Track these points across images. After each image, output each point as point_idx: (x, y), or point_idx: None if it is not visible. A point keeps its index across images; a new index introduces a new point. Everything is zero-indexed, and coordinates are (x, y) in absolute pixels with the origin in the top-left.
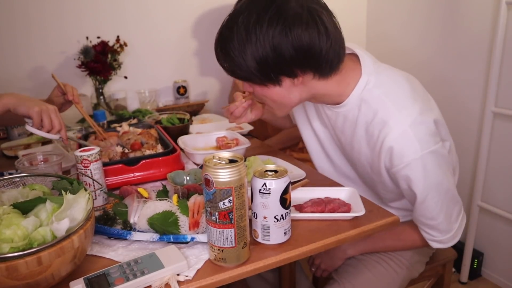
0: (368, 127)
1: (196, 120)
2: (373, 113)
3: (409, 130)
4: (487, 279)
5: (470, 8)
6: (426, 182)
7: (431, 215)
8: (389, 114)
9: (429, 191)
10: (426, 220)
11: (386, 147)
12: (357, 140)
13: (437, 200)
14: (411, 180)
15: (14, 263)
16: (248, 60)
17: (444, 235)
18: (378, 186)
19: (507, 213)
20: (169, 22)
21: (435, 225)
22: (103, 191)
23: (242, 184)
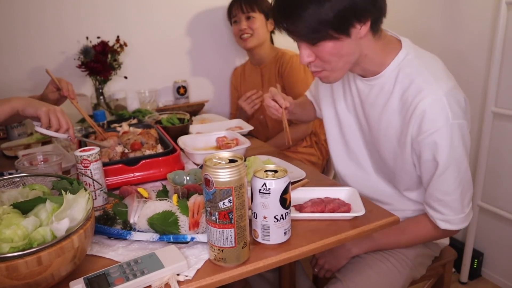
0: (403, 95)
1: (196, 120)
2: (410, 81)
3: (443, 97)
4: (487, 279)
5: (470, 8)
6: (450, 152)
7: (448, 190)
8: (426, 82)
9: (451, 162)
10: (442, 196)
11: (419, 112)
12: (388, 111)
13: (457, 175)
14: (438, 147)
15: (14, 263)
16: (325, 9)
17: (455, 215)
18: (397, 170)
19: (507, 213)
20: (169, 22)
21: (449, 202)
22: (103, 191)
23: (242, 184)
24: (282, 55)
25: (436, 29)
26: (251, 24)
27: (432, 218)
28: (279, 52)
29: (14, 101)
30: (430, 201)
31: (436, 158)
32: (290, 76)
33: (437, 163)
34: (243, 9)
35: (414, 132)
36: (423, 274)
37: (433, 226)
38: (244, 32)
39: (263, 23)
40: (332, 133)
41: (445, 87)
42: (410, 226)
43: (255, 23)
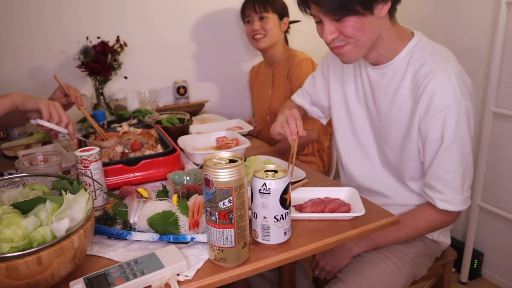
0: (415, 77)
1: (196, 120)
2: (421, 64)
3: (453, 77)
4: (487, 279)
5: (470, 8)
6: (456, 130)
7: (450, 168)
8: (436, 64)
9: (456, 140)
10: (443, 173)
11: (428, 90)
12: (400, 95)
13: (460, 155)
14: (445, 124)
15: (14, 262)
16: None
17: (454, 195)
18: (403, 159)
19: (507, 213)
20: (169, 22)
21: (449, 181)
22: (103, 191)
23: (242, 184)
24: (293, 57)
25: (436, 29)
26: (264, 25)
27: (431, 200)
28: (291, 54)
29: (13, 95)
30: (430, 181)
31: (442, 135)
32: (298, 80)
33: (442, 140)
34: (256, 9)
35: (423, 111)
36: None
37: (430, 214)
38: (257, 32)
39: (276, 23)
40: (341, 125)
41: (454, 69)
42: (407, 219)
43: (268, 24)
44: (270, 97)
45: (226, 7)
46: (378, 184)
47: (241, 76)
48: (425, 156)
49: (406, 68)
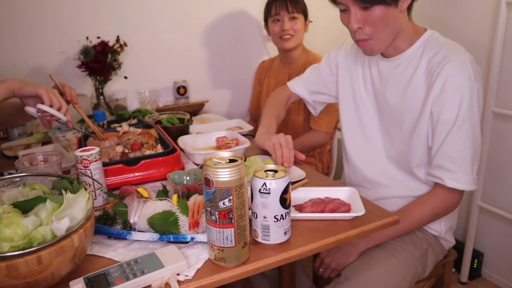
0: (429, 64)
1: (196, 120)
2: (435, 52)
3: (467, 61)
4: (487, 279)
5: (470, 8)
6: (469, 111)
7: (461, 147)
8: (450, 51)
9: (467, 120)
10: (454, 152)
11: (444, 73)
12: (414, 82)
13: (471, 135)
14: (460, 104)
15: (14, 262)
16: None
17: (464, 174)
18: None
19: (507, 213)
20: (169, 22)
21: (460, 159)
22: (103, 191)
23: (242, 184)
24: (313, 59)
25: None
26: (294, 25)
27: (440, 179)
28: (311, 56)
29: (9, 81)
30: (440, 161)
31: (455, 116)
32: None
33: (454, 120)
34: (288, 9)
35: (436, 94)
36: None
37: (436, 199)
38: (287, 32)
39: (303, 24)
40: (349, 118)
41: (467, 55)
42: (413, 208)
43: (297, 24)
44: None
45: (226, 7)
46: (382, 175)
47: (242, 76)
48: (435, 138)
49: (420, 57)
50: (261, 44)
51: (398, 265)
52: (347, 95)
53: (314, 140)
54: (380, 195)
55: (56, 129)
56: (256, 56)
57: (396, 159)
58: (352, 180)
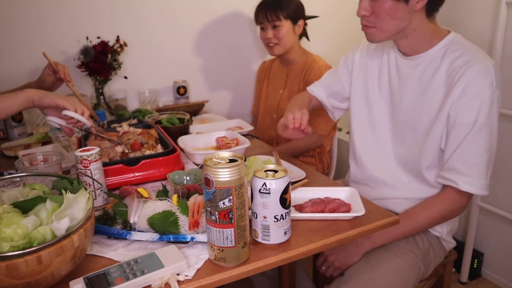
0: (450, 66)
1: (196, 120)
2: (458, 55)
3: (491, 67)
4: (487, 279)
5: (470, 8)
6: (488, 116)
7: (477, 152)
8: (474, 55)
9: (486, 126)
10: (471, 157)
11: (466, 76)
12: (434, 83)
13: (488, 140)
14: (480, 108)
15: (14, 262)
16: None
17: (480, 179)
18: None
19: (507, 213)
20: (169, 22)
21: (476, 164)
22: (103, 191)
23: (242, 184)
24: (312, 62)
25: None
26: (277, 33)
27: (453, 182)
28: (310, 58)
29: (30, 91)
30: (454, 164)
31: (474, 120)
32: None
33: (473, 125)
34: (268, 18)
35: (456, 96)
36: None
37: (444, 203)
38: (270, 41)
39: (289, 29)
40: (359, 116)
41: (490, 61)
42: (420, 209)
43: (281, 31)
44: (281, 96)
45: (226, 8)
46: (389, 176)
47: (242, 76)
48: (450, 140)
49: (442, 58)
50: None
51: (402, 265)
52: (360, 94)
53: (309, 142)
54: (385, 195)
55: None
56: (256, 56)
57: (405, 160)
58: (358, 178)
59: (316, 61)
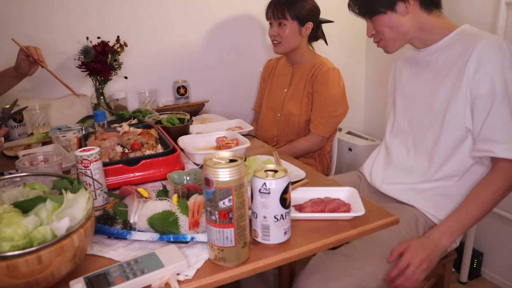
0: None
1: (196, 120)
2: (470, 36)
3: (501, 40)
4: (487, 279)
5: (470, 8)
6: (508, 84)
7: (507, 118)
8: (482, 34)
9: (507, 94)
10: (501, 124)
11: (477, 50)
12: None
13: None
14: (499, 76)
15: (14, 261)
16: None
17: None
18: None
19: (507, 213)
20: (169, 22)
21: (508, 131)
22: (103, 191)
23: (242, 184)
24: (320, 64)
25: None
26: (281, 32)
27: (491, 152)
28: (318, 60)
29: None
30: (487, 134)
31: (495, 89)
32: (323, 88)
33: (496, 93)
34: (274, 15)
35: (471, 71)
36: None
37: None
38: (274, 38)
39: (294, 30)
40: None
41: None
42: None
43: (285, 31)
44: (285, 95)
45: (226, 7)
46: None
47: (242, 76)
48: (477, 113)
49: (455, 43)
50: (262, 45)
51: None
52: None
53: (312, 144)
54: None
55: (56, 129)
56: (256, 56)
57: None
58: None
59: (324, 64)
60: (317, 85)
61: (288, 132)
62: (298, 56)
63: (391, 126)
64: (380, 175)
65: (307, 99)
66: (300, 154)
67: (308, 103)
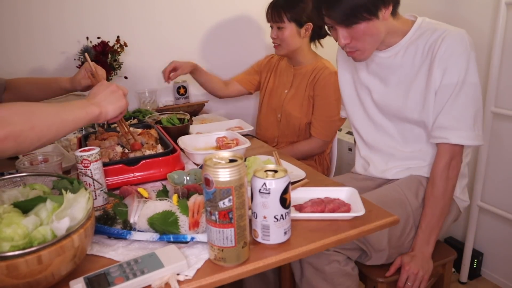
0: (427, 42)
1: (196, 120)
2: (431, 32)
3: (463, 33)
4: (487, 279)
5: (470, 8)
6: (468, 74)
7: (462, 107)
8: (446, 27)
9: (468, 82)
10: (457, 113)
11: (444, 44)
12: (417, 60)
13: (471, 96)
14: (461, 68)
15: (14, 261)
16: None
17: (467, 131)
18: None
19: (507, 213)
20: (169, 22)
21: (462, 119)
22: (103, 191)
23: (242, 184)
24: (322, 67)
25: None
26: (280, 34)
27: (445, 138)
28: (320, 63)
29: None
30: (443, 122)
31: (455, 80)
32: (324, 91)
33: (455, 84)
34: (273, 18)
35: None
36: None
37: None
38: (273, 41)
39: (293, 32)
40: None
41: (463, 30)
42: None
43: (284, 33)
44: (286, 96)
45: (226, 7)
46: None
47: None
48: (436, 102)
49: (417, 40)
50: (262, 44)
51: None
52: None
53: (313, 147)
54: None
55: None
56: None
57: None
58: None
59: (326, 67)
60: (318, 88)
61: (289, 134)
62: (300, 57)
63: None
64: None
65: (308, 102)
66: (301, 156)
67: (309, 106)
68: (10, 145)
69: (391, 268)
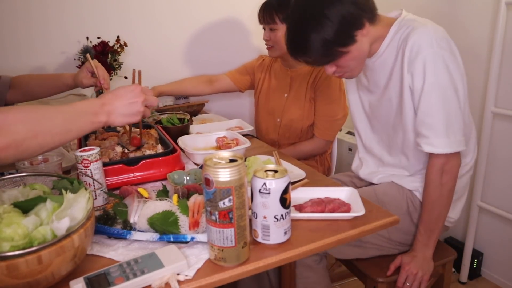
0: (399, 40)
1: (196, 120)
2: (405, 29)
3: (431, 30)
4: (487, 279)
5: (470, 8)
6: (434, 75)
7: (430, 111)
8: (417, 23)
9: (434, 85)
10: (426, 118)
11: (409, 45)
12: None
13: (440, 99)
14: (424, 71)
15: (15, 261)
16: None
17: (438, 138)
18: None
19: (506, 213)
20: (169, 22)
21: (432, 124)
22: (103, 191)
23: (242, 184)
24: (320, 68)
25: None
26: (272, 36)
27: (420, 146)
28: None
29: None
30: (417, 128)
31: (421, 84)
32: (325, 92)
33: (422, 88)
34: (265, 20)
35: (406, 66)
36: None
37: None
38: (266, 43)
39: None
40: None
41: (432, 24)
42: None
43: (276, 35)
44: (286, 100)
45: (226, 7)
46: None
47: None
48: (414, 106)
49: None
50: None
51: None
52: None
53: (316, 147)
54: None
55: None
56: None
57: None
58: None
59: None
60: (319, 90)
61: (290, 136)
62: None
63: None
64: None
65: (309, 104)
66: (303, 157)
67: (311, 108)
68: (11, 154)
69: (391, 267)
